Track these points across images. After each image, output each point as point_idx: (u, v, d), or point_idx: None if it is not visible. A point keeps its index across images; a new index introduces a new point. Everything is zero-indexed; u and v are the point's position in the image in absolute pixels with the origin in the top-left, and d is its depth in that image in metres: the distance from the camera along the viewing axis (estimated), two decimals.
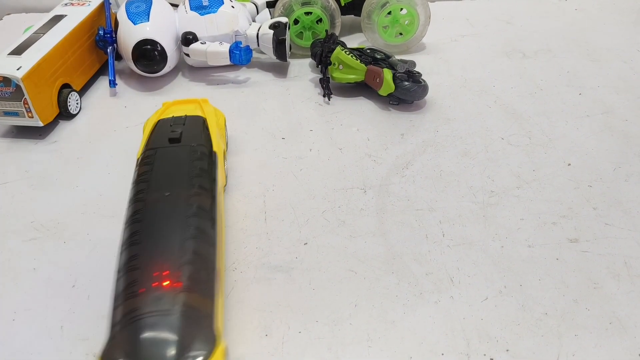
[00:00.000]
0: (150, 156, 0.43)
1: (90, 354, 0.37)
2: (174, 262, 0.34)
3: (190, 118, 0.48)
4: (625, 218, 0.46)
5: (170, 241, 0.36)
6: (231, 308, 0.40)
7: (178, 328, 0.31)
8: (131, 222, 0.37)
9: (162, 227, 0.36)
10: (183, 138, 0.45)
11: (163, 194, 0.39)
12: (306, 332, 0.38)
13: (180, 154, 0.43)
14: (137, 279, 0.34)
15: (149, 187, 0.40)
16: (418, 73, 0.61)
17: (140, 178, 0.41)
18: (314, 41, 0.68)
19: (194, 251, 0.35)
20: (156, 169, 0.41)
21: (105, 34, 0.66)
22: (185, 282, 0.33)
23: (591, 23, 0.76)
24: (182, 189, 0.40)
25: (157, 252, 0.35)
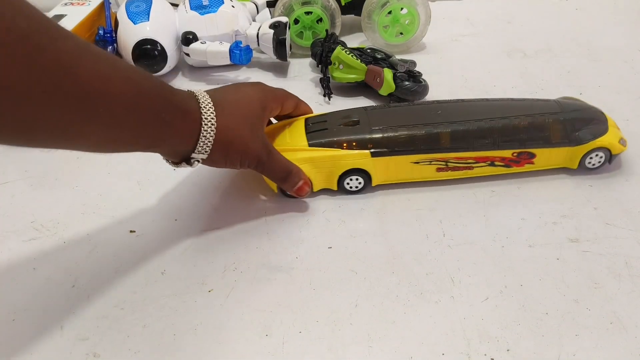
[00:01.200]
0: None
1: (90, 354, 0.37)
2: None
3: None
4: (626, 218, 0.46)
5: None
6: (231, 308, 0.40)
7: None
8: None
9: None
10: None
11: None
12: (306, 332, 0.38)
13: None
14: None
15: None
16: (418, 73, 0.61)
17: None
18: (314, 41, 0.68)
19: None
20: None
21: (105, 33, 0.66)
22: None
23: (592, 23, 0.76)
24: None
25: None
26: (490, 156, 0.48)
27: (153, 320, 0.40)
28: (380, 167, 0.48)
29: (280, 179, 0.46)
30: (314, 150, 0.47)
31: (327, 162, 0.47)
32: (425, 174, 0.49)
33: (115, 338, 0.38)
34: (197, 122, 0.39)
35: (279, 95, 0.48)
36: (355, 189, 0.49)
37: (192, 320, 0.40)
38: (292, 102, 0.50)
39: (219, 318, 0.40)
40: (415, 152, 0.47)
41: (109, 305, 0.41)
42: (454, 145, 0.47)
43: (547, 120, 0.48)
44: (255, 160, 0.43)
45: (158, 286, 0.42)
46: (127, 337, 0.38)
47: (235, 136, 0.42)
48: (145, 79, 0.36)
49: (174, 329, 0.39)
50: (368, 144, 0.47)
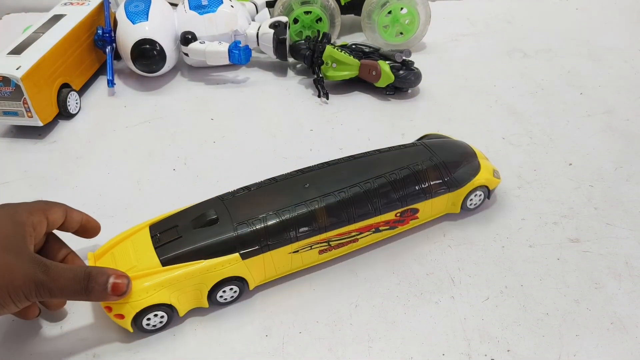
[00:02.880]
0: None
1: (90, 354, 0.37)
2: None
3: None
4: (626, 218, 0.46)
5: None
6: (231, 308, 0.40)
7: None
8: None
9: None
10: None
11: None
12: (307, 332, 0.38)
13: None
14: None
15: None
16: (411, 61, 0.62)
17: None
18: (294, 44, 0.66)
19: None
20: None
21: (104, 33, 0.66)
22: None
23: (592, 22, 0.76)
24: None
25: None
26: (373, 223, 0.42)
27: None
28: (255, 268, 0.39)
29: (80, 291, 0.34)
30: (169, 270, 0.37)
31: (190, 280, 0.37)
32: (307, 260, 0.41)
33: (114, 338, 0.38)
34: None
35: (35, 207, 0.37)
36: (231, 299, 0.40)
37: (191, 320, 0.39)
38: (58, 211, 0.39)
39: (218, 318, 0.40)
40: (292, 241, 0.39)
41: None
42: (333, 222, 0.40)
43: (423, 169, 0.43)
44: (30, 284, 0.32)
45: None
46: (126, 337, 0.38)
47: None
48: None
49: (174, 329, 0.39)
50: (235, 246, 0.38)
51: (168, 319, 0.38)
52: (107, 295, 0.34)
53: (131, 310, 0.36)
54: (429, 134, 0.50)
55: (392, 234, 0.44)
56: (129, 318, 0.36)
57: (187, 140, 0.58)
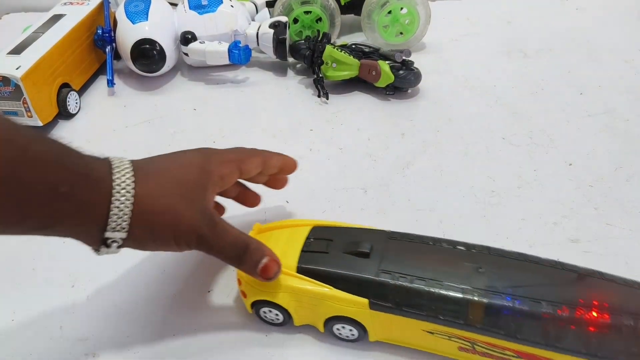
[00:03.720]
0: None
1: (89, 354, 0.37)
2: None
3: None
4: (626, 218, 0.46)
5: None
6: (231, 308, 0.40)
7: None
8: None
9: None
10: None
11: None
12: (306, 332, 0.38)
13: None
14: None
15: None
16: (410, 61, 0.62)
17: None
18: (295, 45, 0.66)
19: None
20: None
21: (104, 33, 0.66)
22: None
23: (592, 22, 0.76)
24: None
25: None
26: (539, 356, 0.33)
27: (153, 321, 0.39)
28: (381, 323, 0.35)
29: (234, 258, 0.35)
30: (299, 279, 0.36)
31: (312, 300, 0.36)
32: (442, 348, 0.36)
33: (114, 338, 0.38)
34: (107, 190, 0.30)
35: (229, 158, 0.38)
36: (347, 338, 0.37)
37: (191, 320, 0.39)
38: (255, 160, 0.39)
39: (218, 318, 0.40)
40: (430, 319, 0.34)
41: (108, 305, 0.41)
42: (487, 326, 0.32)
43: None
44: (193, 234, 0.33)
45: (157, 286, 0.42)
46: (126, 337, 0.38)
47: (162, 205, 0.32)
48: (35, 142, 0.29)
49: (173, 329, 0.39)
50: (369, 290, 0.35)
51: (283, 320, 0.38)
52: (255, 273, 0.35)
53: (252, 296, 0.37)
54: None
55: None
56: (248, 301, 0.38)
57: (187, 140, 0.58)
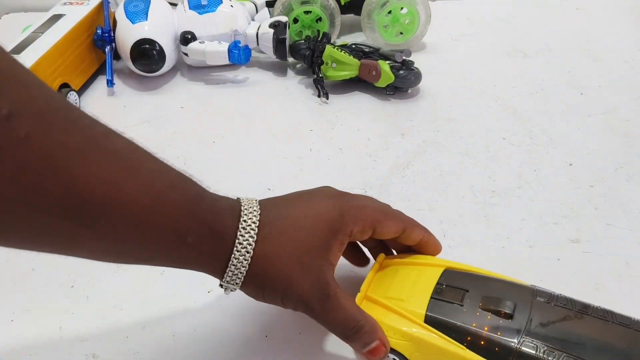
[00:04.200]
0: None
1: (89, 355, 0.37)
2: None
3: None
4: (626, 218, 0.46)
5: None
6: (231, 308, 0.40)
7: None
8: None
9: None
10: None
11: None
12: (306, 332, 0.38)
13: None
14: None
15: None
16: (411, 61, 0.61)
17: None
18: (295, 44, 0.66)
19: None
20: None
21: (104, 33, 0.66)
22: None
23: (592, 22, 0.76)
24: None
25: None
26: None
27: (152, 321, 0.39)
28: None
29: (343, 334, 0.33)
30: (428, 331, 0.32)
31: (439, 356, 0.32)
32: None
33: (114, 339, 0.38)
34: (229, 247, 0.31)
35: (366, 215, 0.35)
36: None
37: (191, 320, 0.39)
38: (395, 225, 0.36)
39: (218, 318, 0.39)
40: None
41: (108, 305, 0.41)
42: None
43: None
44: (302, 304, 0.33)
45: (158, 286, 0.42)
46: (126, 337, 0.38)
47: (276, 270, 0.32)
48: (170, 187, 0.29)
49: (173, 329, 0.39)
50: (506, 358, 0.30)
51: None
52: (360, 352, 0.34)
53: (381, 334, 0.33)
54: None
55: None
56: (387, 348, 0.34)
57: (186, 140, 0.58)
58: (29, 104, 0.23)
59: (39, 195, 0.24)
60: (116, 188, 0.26)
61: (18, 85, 0.23)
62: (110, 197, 0.26)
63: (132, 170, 0.28)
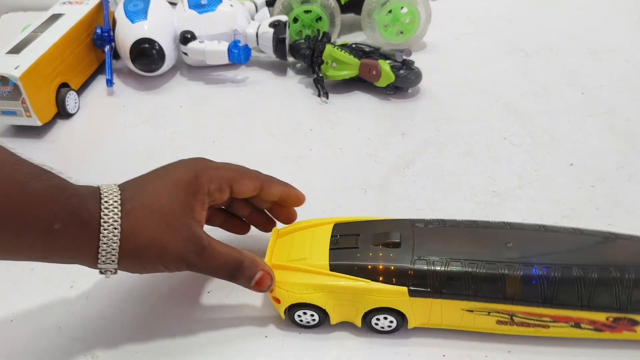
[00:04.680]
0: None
1: (88, 354, 0.37)
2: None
3: None
4: (628, 218, 0.46)
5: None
6: (231, 308, 0.40)
7: None
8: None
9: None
10: None
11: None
12: (306, 332, 0.38)
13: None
14: None
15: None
16: (411, 61, 0.61)
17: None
18: (295, 44, 0.66)
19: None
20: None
21: (103, 32, 0.65)
22: None
23: (593, 22, 0.76)
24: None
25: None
26: (574, 317, 0.35)
27: (152, 321, 0.39)
28: (420, 309, 0.36)
29: (226, 277, 0.36)
30: (334, 277, 0.36)
31: (350, 295, 0.36)
32: (480, 325, 0.36)
33: (113, 339, 0.38)
34: (96, 228, 0.32)
35: (221, 175, 0.37)
36: (387, 328, 0.37)
37: (191, 320, 0.39)
38: (250, 183, 0.38)
39: (218, 318, 0.39)
40: (468, 298, 0.35)
41: (107, 305, 0.41)
42: (524, 297, 0.34)
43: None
44: (181, 262, 0.34)
45: (157, 286, 0.42)
46: (126, 337, 0.38)
47: (146, 238, 0.33)
48: (34, 178, 0.31)
49: (173, 329, 0.39)
50: (407, 279, 0.35)
51: (319, 321, 0.38)
52: (250, 287, 0.36)
53: (287, 300, 0.37)
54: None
55: (594, 336, 0.36)
56: (283, 306, 0.37)
57: (186, 140, 0.58)
58: None
59: None
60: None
61: None
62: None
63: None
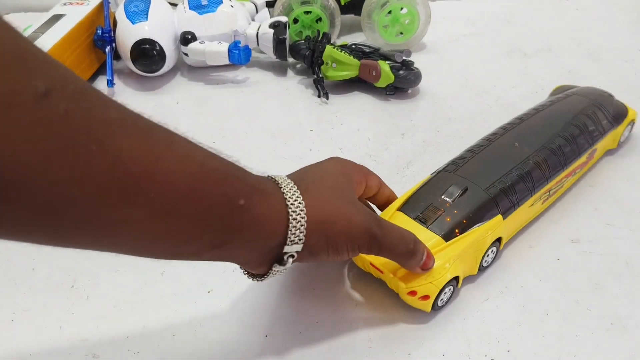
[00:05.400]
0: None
1: (89, 354, 0.37)
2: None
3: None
4: (626, 218, 0.46)
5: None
6: (231, 308, 0.40)
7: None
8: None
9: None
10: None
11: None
12: (306, 332, 0.38)
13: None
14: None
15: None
16: (411, 61, 0.61)
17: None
18: (295, 45, 0.66)
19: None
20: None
21: (104, 33, 0.66)
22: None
23: (592, 22, 0.76)
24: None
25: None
26: (576, 167, 0.46)
27: (152, 321, 0.39)
28: (509, 226, 0.42)
29: (405, 253, 0.35)
30: (455, 243, 0.38)
31: (472, 248, 0.39)
32: (536, 211, 0.45)
33: (114, 338, 0.38)
34: (281, 203, 0.31)
35: (361, 169, 0.40)
36: (490, 261, 0.42)
37: (191, 320, 0.39)
38: (375, 179, 0.41)
39: (218, 318, 0.40)
40: (530, 195, 0.42)
41: (108, 305, 0.41)
42: (552, 171, 0.44)
43: (596, 112, 0.48)
44: (366, 235, 0.33)
45: (157, 286, 0.42)
46: (126, 337, 0.38)
47: (332, 209, 0.33)
48: (210, 157, 0.30)
49: (173, 329, 0.39)
50: (493, 208, 0.40)
51: (453, 291, 0.39)
52: (418, 265, 0.36)
53: (435, 289, 0.37)
54: (561, 87, 0.55)
55: (579, 176, 0.48)
56: (433, 296, 0.37)
57: None
58: (64, 83, 0.23)
59: (87, 170, 0.23)
60: (159, 160, 0.26)
61: (51, 66, 0.23)
62: (155, 169, 0.26)
63: (171, 144, 0.28)
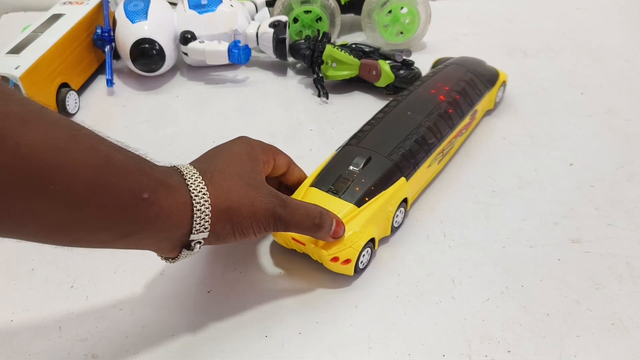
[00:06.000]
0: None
1: (89, 354, 0.37)
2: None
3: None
4: (627, 218, 0.46)
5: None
6: (231, 308, 0.40)
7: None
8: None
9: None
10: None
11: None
12: (307, 332, 0.38)
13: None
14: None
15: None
16: (411, 61, 0.61)
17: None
18: (295, 44, 0.65)
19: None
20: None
21: (103, 32, 0.65)
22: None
23: (593, 22, 0.76)
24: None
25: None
26: (461, 127, 0.51)
27: (152, 321, 0.39)
28: (412, 187, 0.46)
29: (312, 227, 0.37)
30: (366, 208, 0.41)
31: (382, 211, 0.42)
32: (433, 171, 0.49)
33: (114, 339, 0.38)
34: (186, 195, 0.32)
35: (269, 148, 0.41)
36: (400, 222, 0.45)
37: (191, 320, 0.39)
38: (285, 158, 0.43)
39: (218, 318, 0.39)
40: (428, 155, 0.46)
41: (107, 305, 0.41)
42: (443, 133, 0.48)
43: (471, 78, 0.54)
44: (270, 217, 0.36)
45: (157, 286, 0.42)
46: (126, 337, 0.38)
47: (236, 197, 0.34)
48: (116, 151, 0.31)
49: (173, 329, 0.39)
50: (397, 172, 0.44)
51: (371, 253, 0.42)
52: (328, 235, 0.38)
53: (354, 252, 0.40)
54: (439, 59, 0.60)
55: (465, 136, 0.54)
56: (354, 260, 0.40)
57: (186, 139, 0.58)
58: None
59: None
60: (63, 152, 0.27)
61: None
62: (58, 162, 0.27)
63: (75, 137, 0.28)
